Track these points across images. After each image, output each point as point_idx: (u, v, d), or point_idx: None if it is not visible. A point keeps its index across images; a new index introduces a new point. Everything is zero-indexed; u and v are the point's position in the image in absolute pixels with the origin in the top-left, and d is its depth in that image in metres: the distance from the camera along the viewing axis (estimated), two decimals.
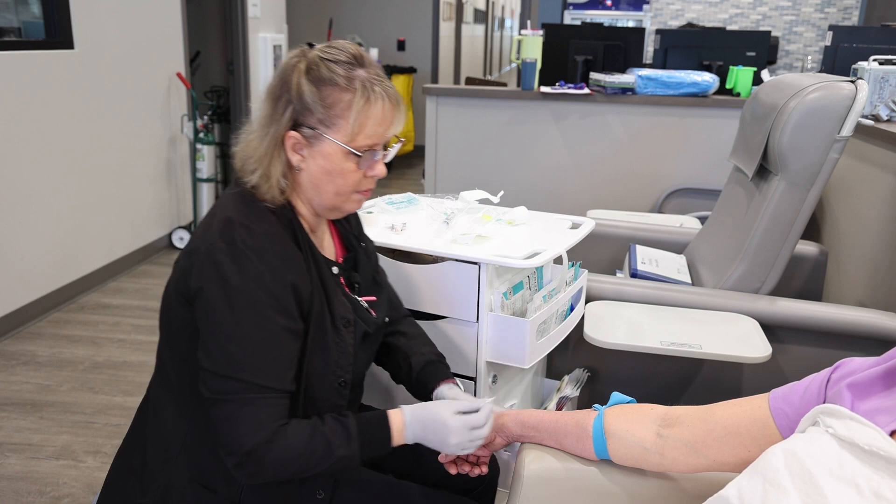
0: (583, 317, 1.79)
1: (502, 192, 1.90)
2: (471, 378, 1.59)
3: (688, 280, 2.11)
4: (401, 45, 7.66)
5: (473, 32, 12.02)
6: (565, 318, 1.69)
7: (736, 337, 1.72)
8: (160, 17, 4.14)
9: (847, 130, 1.79)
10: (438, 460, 1.21)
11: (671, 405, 1.04)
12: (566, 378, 1.88)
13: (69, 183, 3.46)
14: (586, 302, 1.87)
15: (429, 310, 1.56)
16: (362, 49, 1.13)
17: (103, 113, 3.68)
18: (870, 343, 1.81)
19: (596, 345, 1.68)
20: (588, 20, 8.36)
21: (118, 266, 3.90)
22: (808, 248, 2.30)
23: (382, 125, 1.11)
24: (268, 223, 1.10)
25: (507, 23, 18.14)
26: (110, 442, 2.36)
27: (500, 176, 3.58)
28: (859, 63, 2.50)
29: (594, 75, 3.47)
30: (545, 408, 1.85)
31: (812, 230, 2.69)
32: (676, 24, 8.78)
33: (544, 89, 3.43)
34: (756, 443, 0.90)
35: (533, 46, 3.52)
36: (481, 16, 13.08)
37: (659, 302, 1.91)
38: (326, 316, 1.14)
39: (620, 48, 3.65)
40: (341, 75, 1.08)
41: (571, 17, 8.44)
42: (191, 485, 1.13)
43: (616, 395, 1.09)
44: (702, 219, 2.86)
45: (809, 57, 4.70)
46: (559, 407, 1.78)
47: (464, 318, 1.55)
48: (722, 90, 3.49)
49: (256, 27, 5.35)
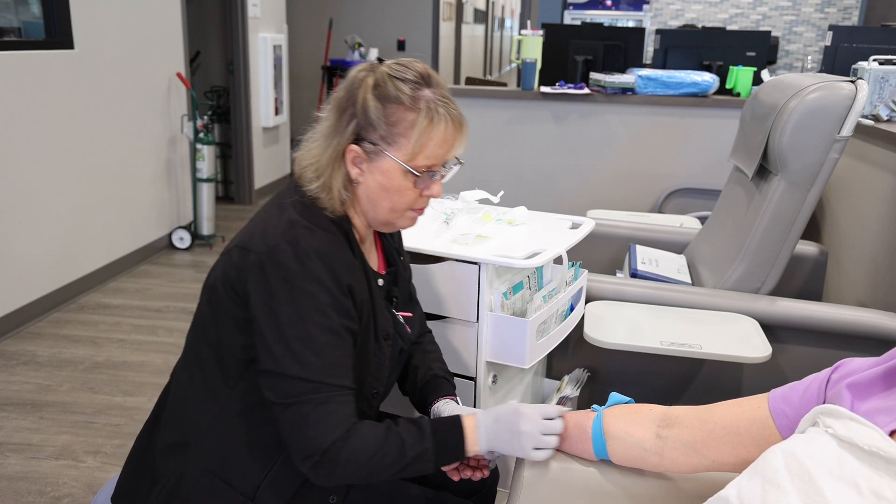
0: (583, 317, 1.79)
1: (502, 192, 1.91)
2: (471, 378, 1.59)
3: (688, 280, 2.11)
4: (401, 45, 7.66)
5: (473, 32, 12.02)
6: (565, 318, 1.69)
7: (736, 337, 1.72)
8: (160, 17, 4.14)
9: (847, 130, 1.79)
10: (441, 469, 1.21)
11: (671, 405, 1.04)
12: (566, 378, 1.88)
13: (69, 183, 3.46)
14: (586, 302, 1.87)
15: (429, 310, 1.56)
16: (430, 68, 1.14)
17: (103, 113, 3.68)
18: (870, 343, 1.81)
19: (596, 345, 1.68)
20: (588, 20, 8.36)
21: (118, 266, 3.90)
22: (808, 248, 2.30)
23: (443, 147, 1.11)
24: (328, 230, 1.11)
25: (507, 23, 18.14)
26: (110, 442, 2.36)
27: (500, 176, 3.57)
28: (859, 63, 2.50)
29: (594, 75, 3.47)
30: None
31: (812, 230, 2.69)
32: (676, 24, 8.78)
33: (544, 89, 3.43)
34: (755, 443, 0.90)
35: (533, 46, 3.52)
36: (481, 16, 13.08)
37: (659, 302, 1.91)
38: (371, 327, 1.15)
39: (620, 48, 3.65)
40: (407, 94, 1.08)
41: (571, 17, 8.44)
42: (205, 475, 1.13)
43: (614, 396, 1.09)
44: (702, 219, 2.86)
45: (809, 57, 4.70)
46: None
47: (464, 318, 1.55)
48: (722, 90, 3.49)
49: (256, 27, 5.35)
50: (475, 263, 1.50)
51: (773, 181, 1.90)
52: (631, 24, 8.28)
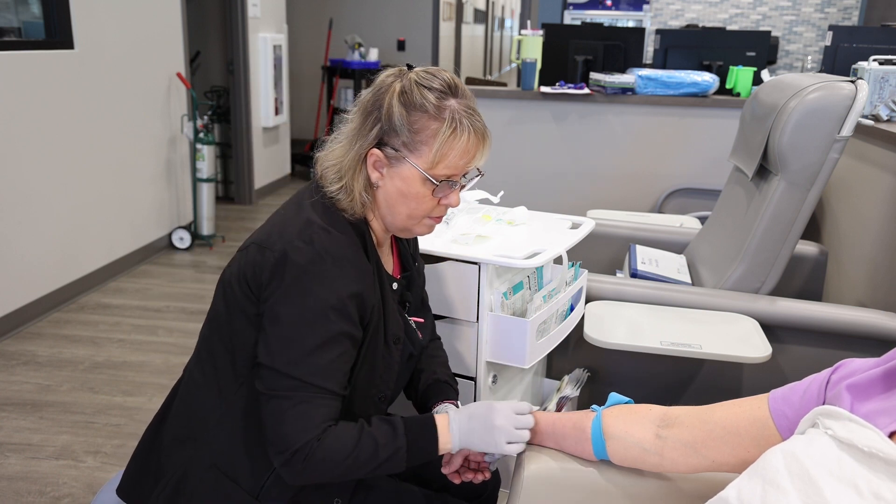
0: (583, 317, 1.79)
1: (502, 192, 1.91)
2: (471, 378, 1.59)
3: (688, 280, 2.11)
4: (401, 45, 7.66)
5: (473, 32, 12.02)
6: (565, 318, 1.69)
7: (736, 337, 1.72)
8: (160, 17, 4.14)
9: (847, 130, 1.79)
10: (442, 472, 1.21)
11: (671, 405, 1.04)
12: (566, 378, 1.88)
13: (69, 183, 3.46)
14: (586, 302, 1.87)
15: None
16: (458, 78, 1.14)
17: (103, 113, 3.68)
18: (870, 343, 1.81)
19: (596, 345, 1.68)
20: (588, 20, 8.36)
21: (118, 266, 3.90)
22: (808, 248, 2.30)
23: (464, 158, 1.12)
24: (346, 232, 1.12)
25: (507, 23, 18.14)
26: (110, 442, 2.36)
27: (500, 176, 3.57)
28: (859, 63, 2.50)
29: (594, 75, 3.47)
30: (545, 408, 1.85)
31: (812, 230, 2.69)
32: (677, 24, 8.78)
33: (544, 89, 3.43)
34: (755, 443, 0.90)
35: (533, 46, 3.52)
36: (481, 16, 13.08)
37: (659, 302, 1.91)
38: (381, 331, 1.16)
39: (620, 48, 3.65)
40: (433, 103, 1.09)
41: (571, 17, 8.44)
42: (210, 471, 1.13)
43: (614, 396, 1.09)
44: (702, 219, 2.86)
45: (809, 57, 4.70)
46: (559, 407, 1.78)
47: (464, 318, 1.55)
48: (722, 90, 3.49)
49: (256, 27, 5.35)
50: (475, 263, 1.50)
51: (773, 181, 1.90)
52: (631, 24, 8.28)
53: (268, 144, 5.74)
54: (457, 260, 1.51)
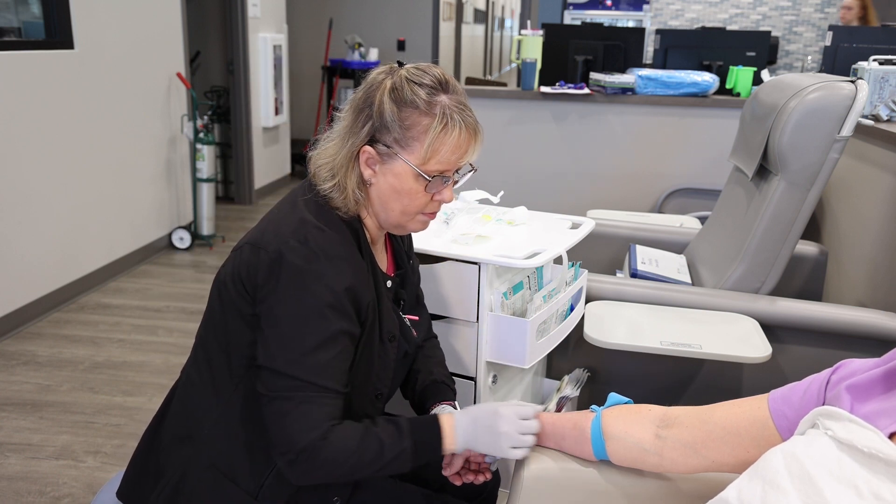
0: (583, 317, 1.79)
1: (502, 192, 1.91)
2: (471, 378, 1.59)
3: (688, 280, 2.11)
4: (401, 45, 7.65)
5: (473, 32, 12.02)
6: (565, 318, 1.69)
7: (736, 337, 1.72)
8: (160, 17, 4.14)
9: (847, 130, 1.79)
10: (443, 474, 1.21)
11: (671, 405, 1.04)
12: (566, 378, 1.87)
13: (69, 183, 3.46)
14: (586, 302, 1.87)
15: (429, 310, 1.56)
16: (449, 74, 1.14)
17: (103, 113, 3.68)
18: (870, 343, 1.81)
19: (596, 345, 1.68)
20: (588, 20, 8.36)
21: (118, 266, 3.90)
22: (808, 248, 2.30)
23: (456, 153, 1.11)
24: (340, 230, 1.12)
25: (507, 23, 18.14)
26: (110, 442, 2.36)
27: (500, 176, 3.57)
28: (859, 63, 2.50)
29: (594, 75, 3.47)
30: (545, 408, 1.85)
31: (812, 230, 2.69)
32: (677, 24, 8.78)
33: (544, 89, 3.43)
34: (755, 443, 0.90)
35: (533, 46, 3.52)
36: (481, 16, 13.08)
37: (659, 302, 1.91)
38: (376, 329, 1.16)
39: (620, 48, 3.64)
40: (423, 99, 1.09)
41: (571, 17, 8.44)
42: (209, 471, 1.13)
43: (613, 396, 1.09)
44: (702, 219, 2.86)
45: (809, 57, 4.70)
46: (559, 407, 1.78)
47: (464, 318, 1.55)
48: (722, 90, 3.49)
49: (256, 27, 5.35)
50: (475, 263, 1.50)
51: (773, 181, 1.90)
52: (631, 24, 8.28)
53: (268, 144, 5.74)
54: (457, 260, 1.51)
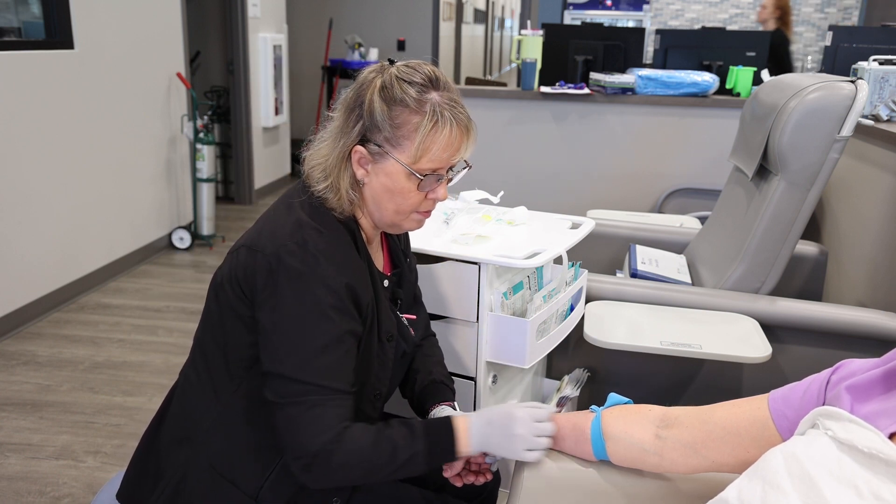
0: (583, 317, 1.79)
1: (502, 192, 1.91)
2: (471, 378, 1.59)
3: (688, 280, 2.11)
4: (401, 45, 7.65)
5: (473, 32, 12.02)
6: (565, 318, 1.69)
7: (736, 337, 1.72)
8: (160, 17, 4.14)
9: (847, 130, 1.79)
10: (444, 475, 1.21)
11: (671, 405, 1.04)
12: (566, 378, 1.88)
13: (69, 183, 3.46)
14: (586, 302, 1.87)
15: (429, 310, 1.56)
16: (440, 71, 1.13)
17: (103, 113, 3.68)
18: (870, 343, 1.81)
19: (596, 345, 1.68)
20: (588, 20, 8.37)
21: (118, 266, 3.90)
22: (808, 248, 2.30)
23: (447, 151, 1.10)
24: (337, 231, 1.12)
25: (507, 23, 18.14)
26: (110, 442, 2.36)
27: (500, 176, 3.57)
28: (859, 63, 2.50)
29: (594, 75, 3.47)
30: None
31: (812, 230, 2.69)
32: (676, 24, 8.78)
33: (544, 89, 3.43)
34: (755, 444, 0.90)
35: (533, 46, 3.52)
36: (481, 16, 13.08)
37: (659, 302, 1.91)
38: (375, 328, 1.16)
39: (620, 48, 3.64)
40: (413, 97, 1.08)
41: (571, 17, 8.45)
42: (209, 472, 1.13)
43: (613, 397, 1.09)
44: (702, 219, 2.86)
45: (809, 57, 4.70)
46: (559, 407, 1.78)
47: (464, 318, 1.55)
48: (722, 90, 3.49)
49: (256, 27, 5.35)
50: (475, 263, 1.50)
51: (773, 181, 1.90)
52: (631, 24, 8.28)
53: (268, 144, 5.73)
54: (457, 260, 1.51)
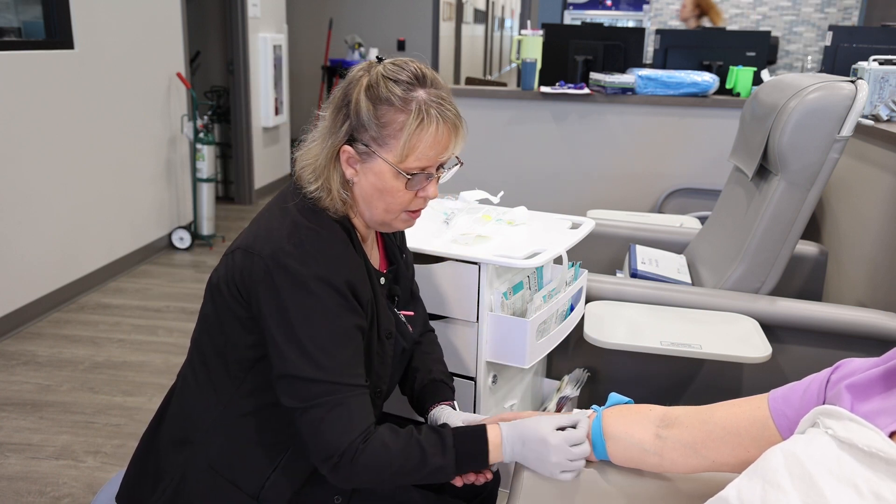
0: (583, 317, 1.79)
1: (502, 193, 1.90)
2: (471, 378, 1.59)
3: (688, 280, 2.11)
4: (401, 45, 7.65)
5: (473, 32, 12.02)
6: (565, 318, 1.69)
7: (736, 337, 1.72)
8: (160, 17, 4.14)
9: (847, 130, 1.79)
10: None
11: (671, 405, 1.04)
12: (566, 378, 1.88)
13: (69, 183, 3.46)
14: (586, 302, 1.87)
15: (429, 310, 1.56)
16: (428, 68, 1.12)
17: (103, 113, 3.68)
18: (870, 343, 1.81)
19: (596, 345, 1.68)
20: (588, 20, 8.36)
21: (118, 266, 3.90)
22: (808, 248, 2.30)
23: (435, 148, 1.09)
24: (333, 230, 1.12)
25: (507, 23, 18.14)
26: (110, 442, 2.36)
27: (500, 176, 3.57)
28: (859, 63, 2.50)
29: (594, 75, 3.47)
30: (545, 408, 1.85)
31: (812, 230, 2.69)
32: (676, 25, 8.78)
33: (544, 89, 3.43)
34: (755, 443, 0.90)
35: (533, 46, 3.52)
36: (481, 16, 13.08)
37: (659, 302, 1.90)
38: (374, 326, 1.15)
39: (620, 48, 3.64)
40: (398, 95, 1.07)
41: (571, 17, 8.44)
42: (209, 473, 1.13)
43: (614, 396, 1.09)
44: (702, 219, 2.86)
45: (809, 57, 4.70)
46: (559, 407, 1.78)
47: (464, 318, 1.55)
48: (722, 90, 3.48)
49: (256, 27, 5.35)
50: (475, 263, 1.50)
51: (773, 181, 1.90)
52: (631, 24, 8.28)
53: (268, 144, 5.73)
54: (457, 260, 1.51)
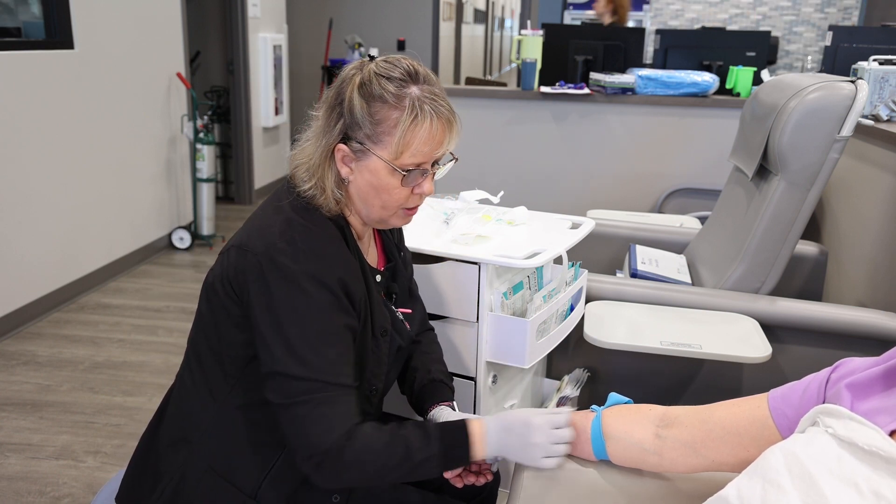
0: (583, 317, 1.79)
1: (502, 193, 1.90)
2: (471, 378, 1.59)
3: (688, 280, 2.11)
4: (401, 45, 7.65)
5: (473, 32, 12.02)
6: (565, 318, 1.69)
7: (736, 337, 1.72)
8: (160, 17, 4.14)
9: (847, 130, 1.79)
10: (444, 476, 1.20)
11: (671, 405, 1.04)
12: (566, 378, 1.88)
13: (69, 183, 3.46)
14: (586, 302, 1.87)
15: (429, 310, 1.56)
16: (421, 65, 1.12)
17: (103, 113, 3.68)
18: (870, 343, 1.81)
19: (596, 345, 1.68)
20: (588, 20, 8.36)
21: (118, 266, 3.90)
22: (808, 248, 2.30)
23: (429, 144, 1.09)
24: (326, 228, 1.12)
25: (507, 23, 18.14)
26: (110, 442, 2.36)
27: (500, 176, 3.57)
28: (859, 63, 2.50)
29: (594, 75, 3.47)
30: (545, 408, 1.85)
31: (812, 230, 2.69)
32: (676, 24, 8.78)
33: (544, 89, 3.43)
34: (755, 443, 0.90)
35: (533, 46, 3.52)
36: (481, 16, 13.08)
37: (659, 302, 1.90)
38: (368, 324, 1.15)
39: (620, 48, 3.65)
40: (391, 92, 1.07)
41: (571, 17, 8.45)
42: (207, 473, 1.13)
43: (613, 396, 1.09)
44: (702, 219, 2.86)
45: (809, 57, 4.70)
46: (559, 407, 1.78)
47: (464, 318, 1.55)
48: (722, 90, 3.49)
49: (256, 27, 5.35)
50: (475, 263, 1.50)
51: (773, 181, 1.90)
52: (631, 24, 8.28)
53: (268, 144, 5.74)
54: (457, 260, 1.51)
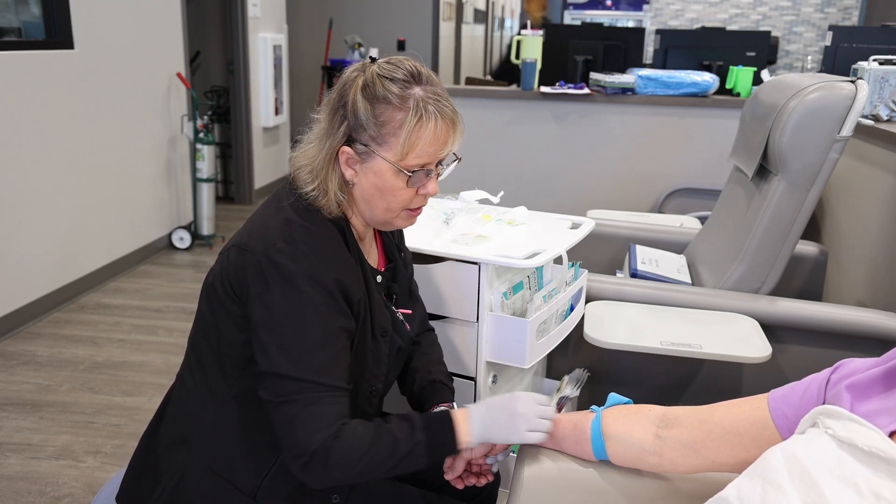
0: (583, 317, 1.79)
1: (502, 193, 1.90)
2: (471, 378, 1.59)
3: (688, 280, 2.11)
4: (401, 45, 7.65)
5: (473, 32, 12.01)
6: (565, 318, 1.69)
7: (736, 337, 1.72)
8: (160, 17, 4.14)
9: (847, 130, 1.79)
10: (445, 478, 1.21)
11: (671, 405, 1.04)
12: (566, 378, 1.87)
13: (69, 183, 3.46)
14: (586, 302, 1.87)
15: (429, 310, 1.56)
16: (423, 66, 1.12)
17: (103, 113, 3.68)
18: (870, 343, 1.81)
19: (596, 345, 1.68)
20: (588, 20, 8.37)
21: (118, 266, 3.90)
22: (808, 248, 2.30)
23: (434, 145, 1.10)
24: (326, 229, 1.12)
25: (507, 23, 18.13)
26: (110, 442, 2.36)
27: (500, 176, 3.57)
28: (859, 63, 2.50)
29: (594, 75, 3.47)
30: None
31: (812, 230, 2.69)
32: (676, 24, 8.78)
33: (544, 89, 3.43)
34: (755, 443, 0.90)
35: (533, 46, 3.52)
36: (481, 16, 13.07)
37: (659, 302, 1.90)
38: (368, 325, 1.15)
39: (620, 48, 3.65)
40: (395, 94, 1.07)
41: (571, 17, 8.45)
42: (207, 473, 1.13)
43: (613, 397, 1.09)
44: (702, 219, 2.86)
45: (809, 57, 4.70)
46: (559, 407, 1.78)
47: (464, 318, 1.55)
48: (722, 90, 3.49)
49: (256, 27, 5.35)
50: (475, 263, 1.50)
51: (773, 181, 1.90)
52: (631, 24, 8.28)
53: (268, 144, 5.74)
54: (457, 260, 1.51)
